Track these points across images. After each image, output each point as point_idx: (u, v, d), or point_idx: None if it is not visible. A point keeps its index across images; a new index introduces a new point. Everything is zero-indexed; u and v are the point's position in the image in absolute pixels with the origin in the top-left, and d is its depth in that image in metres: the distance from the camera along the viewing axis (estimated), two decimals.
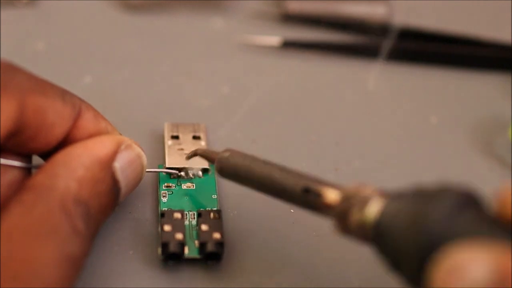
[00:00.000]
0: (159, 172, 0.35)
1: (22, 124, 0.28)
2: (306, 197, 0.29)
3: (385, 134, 0.40)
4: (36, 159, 0.31)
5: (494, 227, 0.24)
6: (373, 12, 0.47)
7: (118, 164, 0.30)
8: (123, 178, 0.30)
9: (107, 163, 0.30)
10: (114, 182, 0.30)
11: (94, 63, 0.43)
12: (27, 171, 0.30)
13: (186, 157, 0.34)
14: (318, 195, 0.28)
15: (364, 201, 0.27)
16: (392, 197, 0.26)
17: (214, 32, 0.46)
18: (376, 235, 0.26)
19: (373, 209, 0.26)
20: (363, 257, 0.33)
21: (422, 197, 0.25)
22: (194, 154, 0.34)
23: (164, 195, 0.34)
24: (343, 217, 0.27)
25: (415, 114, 0.42)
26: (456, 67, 0.44)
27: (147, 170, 0.32)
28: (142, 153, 0.32)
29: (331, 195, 0.28)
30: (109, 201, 0.30)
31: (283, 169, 0.30)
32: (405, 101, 0.43)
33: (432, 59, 0.44)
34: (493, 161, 0.39)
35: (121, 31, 0.45)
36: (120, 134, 0.32)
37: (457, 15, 0.49)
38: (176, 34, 0.45)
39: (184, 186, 0.34)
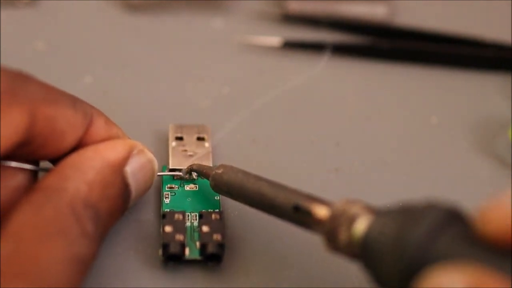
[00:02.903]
0: (164, 175, 0.35)
1: (32, 134, 0.28)
2: (296, 215, 0.29)
3: (386, 134, 0.40)
4: (46, 162, 0.31)
5: (475, 247, 0.24)
6: (373, 12, 0.47)
7: (129, 169, 0.30)
8: (133, 183, 0.31)
9: (118, 167, 0.30)
10: (125, 186, 0.30)
11: (94, 63, 0.43)
12: (35, 175, 0.31)
13: (183, 174, 0.35)
14: (308, 214, 0.29)
15: (352, 219, 0.27)
16: (378, 214, 0.27)
17: (214, 32, 0.46)
18: (363, 252, 0.26)
19: (360, 226, 0.27)
20: None
21: (407, 215, 0.25)
22: (190, 170, 0.34)
23: (167, 196, 0.34)
24: (332, 236, 0.27)
25: (415, 114, 0.42)
26: (456, 67, 0.44)
27: (157, 174, 0.33)
28: (154, 158, 0.32)
29: (321, 213, 0.28)
30: (118, 204, 0.30)
31: (274, 185, 0.30)
32: (405, 101, 0.43)
33: (432, 59, 0.44)
34: (493, 161, 0.39)
35: (121, 31, 0.45)
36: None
37: (457, 15, 0.49)
38: (176, 34, 0.45)
39: (187, 188, 0.34)
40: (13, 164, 0.30)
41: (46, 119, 0.28)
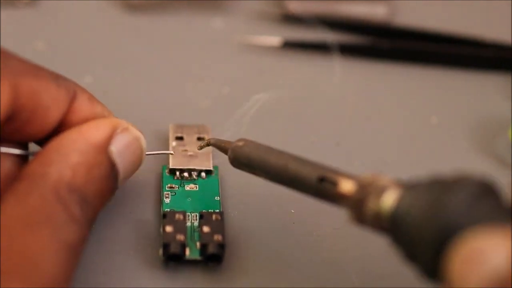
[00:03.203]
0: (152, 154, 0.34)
1: (17, 108, 0.28)
2: (322, 186, 0.28)
3: (386, 134, 0.40)
4: (35, 148, 0.31)
5: None
6: (373, 12, 0.47)
7: (114, 148, 0.30)
8: (120, 162, 0.30)
9: (103, 147, 0.29)
10: (111, 166, 0.29)
11: (94, 63, 0.43)
12: (25, 160, 0.30)
13: (198, 147, 0.34)
14: (334, 184, 0.28)
15: (380, 191, 0.26)
16: (408, 186, 0.26)
17: (214, 32, 0.46)
18: (392, 225, 0.26)
19: (390, 198, 0.26)
20: (363, 256, 0.33)
21: (439, 186, 0.25)
22: (207, 144, 0.34)
23: (167, 196, 0.34)
24: (358, 207, 0.27)
25: (415, 114, 0.42)
26: (456, 67, 0.44)
27: (146, 153, 0.32)
28: (140, 135, 0.31)
29: (347, 185, 0.28)
30: (107, 186, 0.29)
31: (298, 158, 0.30)
32: (405, 101, 0.43)
33: (432, 59, 0.44)
34: (493, 161, 0.39)
35: (121, 31, 0.45)
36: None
37: (457, 15, 0.49)
38: (176, 34, 0.45)
39: (187, 187, 0.34)
40: (2, 149, 0.29)
41: (30, 93, 0.28)
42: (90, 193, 0.28)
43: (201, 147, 0.34)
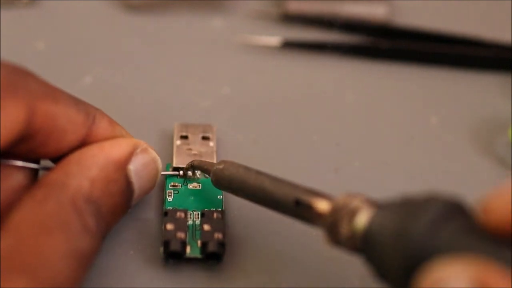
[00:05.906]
0: (167, 174, 0.35)
1: (32, 129, 0.28)
2: (298, 209, 0.29)
3: (385, 134, 0.40)
4: (48, 162, 0.31)
5: (477, 239, 0.24)
6: (373, 12, 0.47)
7: (132, 167, 0.31)
8: (136, 181, 0.31)
9: (122, 165, 0.30)
10: (128, 184, 0.30)
11: (94, 63, 0.43)
12: (36, 174, 0.31)
13: (183, 170, 0.35)
14: (309, 207, 0.29)
15: (353, 212, 0.27)
16: (379, 207, 0.26)
17: (214, 32, 0.46)
18: (365, 245, 0.26)
19: (361, 220, 0.26)
20: None
21: (408, 207, 0.25)
22: (190, 165, 0.34)
23: (170, 194, 0.34)
24: (333, 230, 0.27)
25: (415, 114, 0.42)
26: (456, 67, 0.44)
27: (162, 172, 0.33)
28: (158, 157, 0.32)
29: (322, 207, 0.28)
30: (121, 202, 0.30)
31: (275, 180, 0.30)
32: (405, 101, 0.43)
33: (433, 59, 0.44)
34: (493, 161, 0.39)
35: (121, 31, 0.45)
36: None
37: (457, 15, 0.49)
38: (176, 34, 0.45)
39: (190, 186, 0.34)
40: (18, 163, 0.30)
41: (46, 115, 0.28)
42: (105, 207, 0.29)
43: (186, 170, 0.35)
